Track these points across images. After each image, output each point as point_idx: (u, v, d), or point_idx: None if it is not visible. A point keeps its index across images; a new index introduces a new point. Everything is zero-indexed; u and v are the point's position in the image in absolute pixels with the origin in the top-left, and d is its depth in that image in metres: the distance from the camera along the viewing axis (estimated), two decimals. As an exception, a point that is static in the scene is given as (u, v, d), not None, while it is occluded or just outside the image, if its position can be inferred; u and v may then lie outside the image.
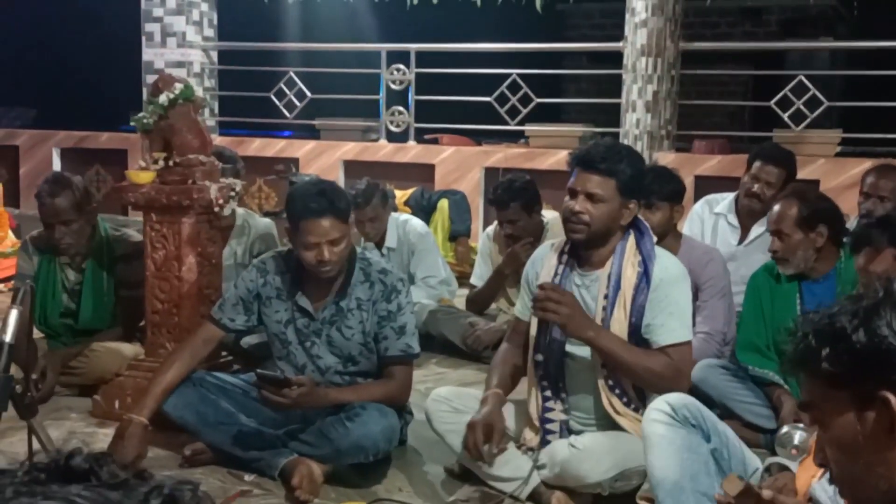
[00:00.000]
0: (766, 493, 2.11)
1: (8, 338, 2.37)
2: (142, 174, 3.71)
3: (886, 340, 1.17)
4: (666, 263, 3.01)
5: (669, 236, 3.94)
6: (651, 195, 3.87)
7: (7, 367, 2.36)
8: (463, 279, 5.70)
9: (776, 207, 3.50)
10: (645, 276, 2.95)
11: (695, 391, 3.60)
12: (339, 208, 3.14)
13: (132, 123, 3.81)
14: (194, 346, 3.38)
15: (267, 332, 3.43)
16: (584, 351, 3.03)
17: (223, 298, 3.47)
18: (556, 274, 3.06)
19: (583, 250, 3.03)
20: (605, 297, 2.96)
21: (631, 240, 3.00)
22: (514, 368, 3.19)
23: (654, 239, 3.10)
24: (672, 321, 2.95)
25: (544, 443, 3.08)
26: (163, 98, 3.65)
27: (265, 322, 3.39)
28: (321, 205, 3.11)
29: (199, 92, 5.61)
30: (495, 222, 5.08)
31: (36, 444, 2.70)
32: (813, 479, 2.20)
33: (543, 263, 3.14)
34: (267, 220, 4.73)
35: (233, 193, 3.82)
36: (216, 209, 3.74)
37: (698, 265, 3.94)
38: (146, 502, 0.67)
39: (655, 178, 3.98)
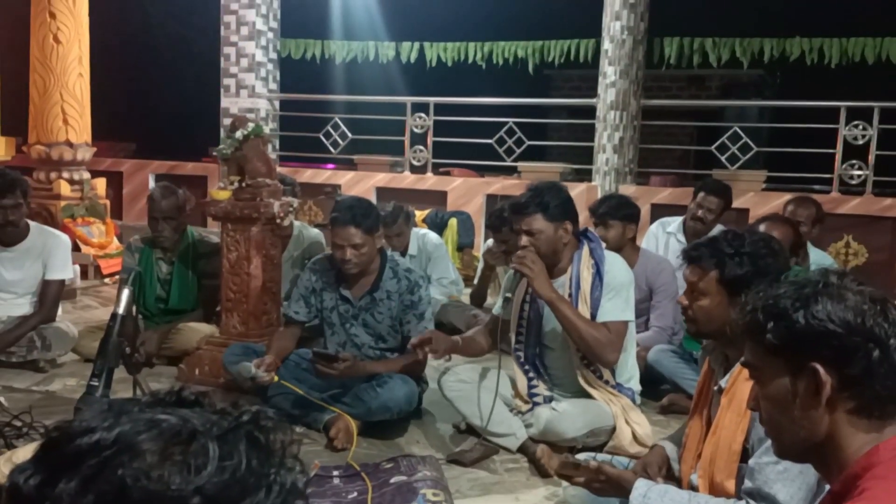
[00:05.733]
0: (592, 464, 2.03)
1: (121, 310, 2.40)
2: (221, 193, 3.74)
3: (821, 323, 1.14)
4: (616, 270, 2.99)
5: (629, 248, 3.93)
6: (606, 216, 3.90)
7: (120, 332, 2.39)
8: (468, 281, 5.73)
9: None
10: (598, 275, 2.96)
11: (650, 370, 3.60)
12: (359, 221, 3.13)
13: (213, 154, 3.83)
14: (283, 333, 3.46)
15: (320, 317, 3.44)
16: (557, 342, 3.03)
17: (291, 299, 3.52)
18: (528, 287, 3.04)
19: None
20: (570, 295, 2.96)
21: (585, 249, 3.01)
22: (479, 345, 3.20)
23: (605, 245, 3.10)
24: (613, 304, 2.94)
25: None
26: (239, 133, 3.68)
27: (319, 309, 3.40)
28: (345, 216, 3.14)
29: (265, 131, 5.62)
30: (493, 237, 5.11)
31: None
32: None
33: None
34: (317, 231, 4.74)
35: (291, 209, 3.85)
36: (278, 221, 3.77)
37: (653, 273, 3.94)
38: (237, 419, 0.69)
39: (615, 204, 3.99)
